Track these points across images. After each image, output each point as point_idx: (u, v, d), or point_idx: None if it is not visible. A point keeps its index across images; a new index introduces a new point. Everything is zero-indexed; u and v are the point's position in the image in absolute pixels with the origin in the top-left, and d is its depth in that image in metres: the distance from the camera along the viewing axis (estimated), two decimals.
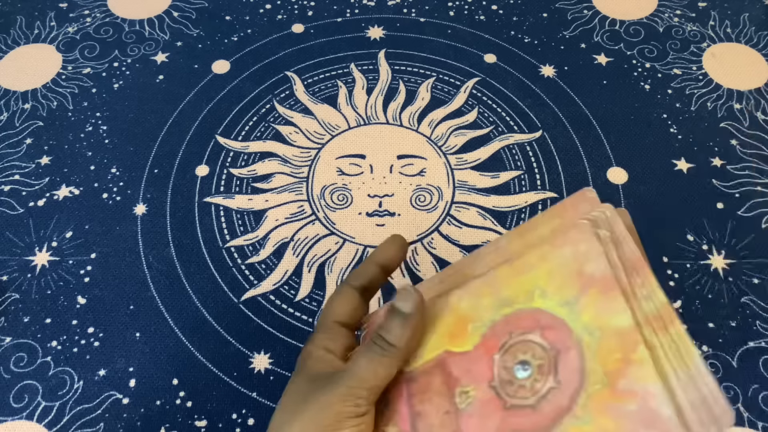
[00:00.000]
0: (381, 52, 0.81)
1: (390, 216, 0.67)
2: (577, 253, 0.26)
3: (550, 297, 0.26)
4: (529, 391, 0.26)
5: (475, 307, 0.29)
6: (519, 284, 0.28)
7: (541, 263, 0.27)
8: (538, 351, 0.26)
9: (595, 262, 0.25)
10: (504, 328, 0.27)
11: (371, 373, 0.29)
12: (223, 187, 0.69)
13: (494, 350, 0.27)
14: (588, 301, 0.25)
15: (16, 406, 0.55)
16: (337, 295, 0.35)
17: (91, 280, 0.62)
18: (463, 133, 0.73)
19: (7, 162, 0.70)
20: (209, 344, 0.59)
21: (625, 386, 0.22)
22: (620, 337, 0.23)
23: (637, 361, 0.22)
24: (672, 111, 0.76)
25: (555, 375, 0.25)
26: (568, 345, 0.25)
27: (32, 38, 0.82)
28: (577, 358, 0.24)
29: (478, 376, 0.28)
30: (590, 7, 0.87)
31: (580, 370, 0.24)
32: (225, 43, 0.82)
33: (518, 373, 0.26)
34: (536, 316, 0.26)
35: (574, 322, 0.25)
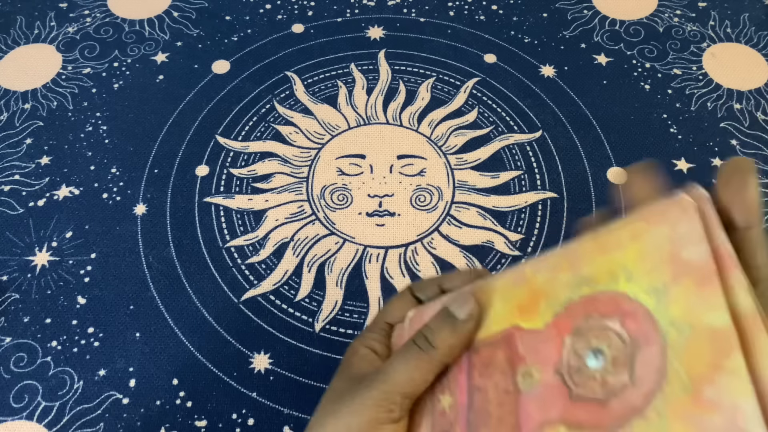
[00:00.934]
0: (381, 52, 0.81)
1: (390, 216, 0.67)
2: (675, 235, 0.22)
3: (637, 281, 0.23)
4: (599, 384, 0.23)
5: (551, 282, 0.26)
6: (603, 263, 0.24)
7: (630, 242, 0.24)
8: (615, 340, 0.23)
9: (694, 247, 0.22)
10: (581, 310, 0.25)
11: (407, 378, 0.27)
12: (223, 187, 0.69)
13: (567, 332, 0.25)
14: (680, 291, 0.22)
15: (16, 406, 0.55)
16: (397, 297, 0.33)
17: (91, 280, 0.62)
18: (463, 133, 0.73)
19: (7, 162, 0.70)
20: (209, 344, 0.59)
21: (710, 396, 0.20)
22: (713, 339, 0.20)
23: (729, 370, 0.19)
24: (672, 111, 0.76)
25: (631, 370, 0.22)
26: (650, 339, 0.22)
27: (32, 38, 0.82)
28: (658, 355, 0.21)
29: (546, 358, 0.25)
30: (590, 7, 0.87)
31: (660, 370, 0.21)
32: (225, 43, 0.82)
33: (590, 361, 0.23)
34: (618, 301, 0.23)
35: (661, 314, 0.22)
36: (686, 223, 0.22)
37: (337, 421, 0.28)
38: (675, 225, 0.23)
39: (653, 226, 0.23)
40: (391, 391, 0.27)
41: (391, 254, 0.64)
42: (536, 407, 0.25)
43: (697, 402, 0.20)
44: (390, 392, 0.27)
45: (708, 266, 0.21)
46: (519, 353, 0.26)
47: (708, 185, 0.25)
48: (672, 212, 0.23)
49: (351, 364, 0.31)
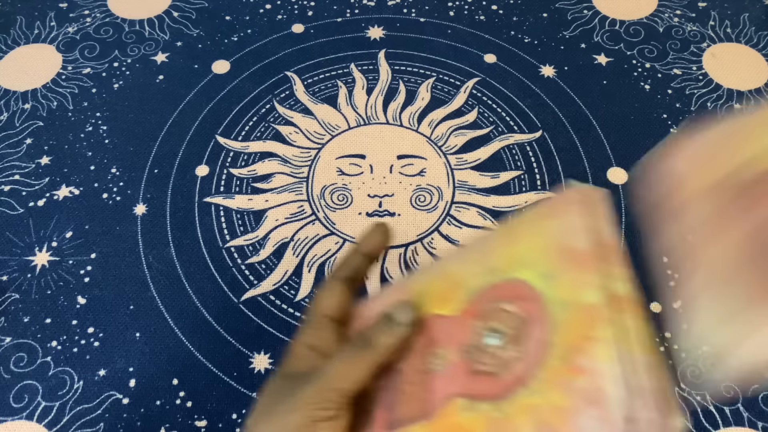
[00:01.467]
0: (381, 52, 0.81)
1: (390, 216, 0.66)
2: (564, 226, 0.26)
3: (532, 268, 0.26)
4: (495, 359, 0.26)
5: (466, 273, 0.29)
6: (508, 254, 0.28)
7: (529, 234, 0.27)
8: (510, 320, 0.26)
9: (578, 237, 0.25)
10: (487, 297, 0.28)
11: (342, 375, 0.28)
12: (223, 187, 0.69)
13: (473, 316, 0.28)
14: (566, 276, 0.25)
15: (16, 406, 0.55)
16: (324, 289, 0.34)
17: (91, 280, 0.62)
18: (463, 133, 0.73)
19: (7, 162, 0.70)
20: (209, 344, 0.59)
21: (580, 363, 0.23)
22: (586, 314, 0.23)
23: (596, 339, 0.22)
24: (672, 111, 0.76)
25: (520, 345, 0.25)
26: (538, 317, 0.25)
27: (32, 38, 0.82)
28: (543, 330, 0.24)
29: (455, 341, 0.28)
30: (590, 7, 0.87)
31: (543, 343, 0.24)
32: (225, 43, 0.82)
33: (487, 339, 0.26)
34: (517, 287, 0.26)
35: (551, 296, 0.25)
36: (573, 216, 0.26)
37: (272, 420, 0.28)
38: (564, 217, 0.26)
39: (546, 219, 0.27)
40: (326, 388, 0.28)
41: (391, 254, 0.64)
42: (442, 383, 0.27)
43: (569, 369, 0.23)
44: (325, 389, 0.28)
45: (588, 253, 0.24)
46: (434, 338, 0.29)
47: None
48: (561, 207, 0.26)
49: (286, 364, 0.31)
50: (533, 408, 0.23)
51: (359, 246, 0.35)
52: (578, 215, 0.26)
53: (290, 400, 0.28)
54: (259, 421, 0.29)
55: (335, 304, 0.33)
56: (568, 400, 0.22)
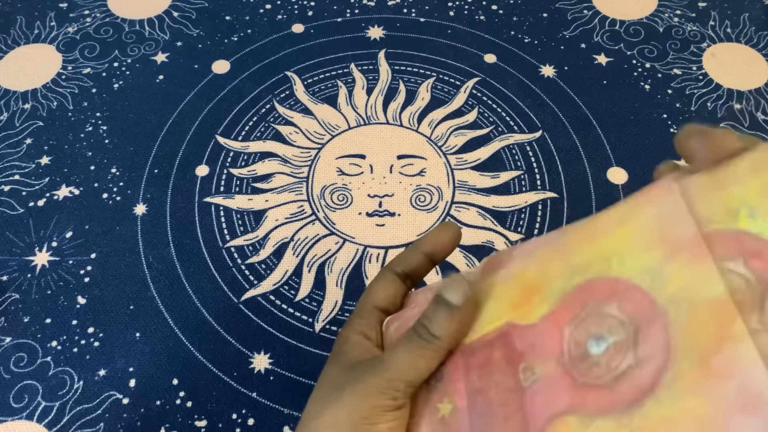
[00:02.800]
0: (381, 52, 0.81)
1: (390, 216, 0.67)
2: (662, 215, 0.22)
3: (629, 264, 0.23)
4: (604, 369, 0.23)
5: (542, 275, 0.26)
6: (593, 250, 0.24)
7: (618, 227, 0.24)
8: (615, 325, 0.23)
9: (682, 225, 0.22)
10: (576, 300, 0.24)
11: (411, 366, 0.27)
12: (223, 187, 0.69)
13: (564, 324, 0.25)
14: (674, 268, 0.22)
15: (16, 406, 0.55)
16: (377, 279, 0.33)
17: (91, 280, 0.62)
18: (463, 133, 0.73)
19: (7, 162, 0.70)
20: (209, 344, 0.59)
21: (719, 365, 0.20)
22: (713, 310, 0.20)
23: (734, 338, 0.19)
24: (672, 111, 0.76)
25: (635, 351, 0.22)
26: (650, 318, 0.22)
27: (32, 38, 0.82)
28: (661, 332, 0.21)
29: (545, 352, 0.25)
30: (590, 7, 0.87)
31: (665, 346, 0.21)
32: (225, 43, 0.82)
33: (592, 348, 0.23)
34: (613, 286, 0.23)
35: (658, 293, 0.22)
36: (672, 204, 0.22)
37: (337, 409, 0.27)
38: (662, 206, 0.23)
39: (639, 208, 0.23)
40: (395, 379, 0.27)
41: (391, 254, 0.64)
42: (543, 401, 0.24)
43: (706, 374, 0.20)
44: (394, 380, 0.27)
45: (698, 242, 0.21)
46: (517, 350, 0.26)
47: None
48: (657, 195, 0.23)
49: (344, 351, 0.30)
50: (669, 420, 0.20)
51: (420, 243, 0.33)
52: (679, 202, 0.22)
53: (358, 388, 0.27)
54: (322, 410, 0.28)
55: (387, 296, 0.32)
56: (713, 408, 0.20)
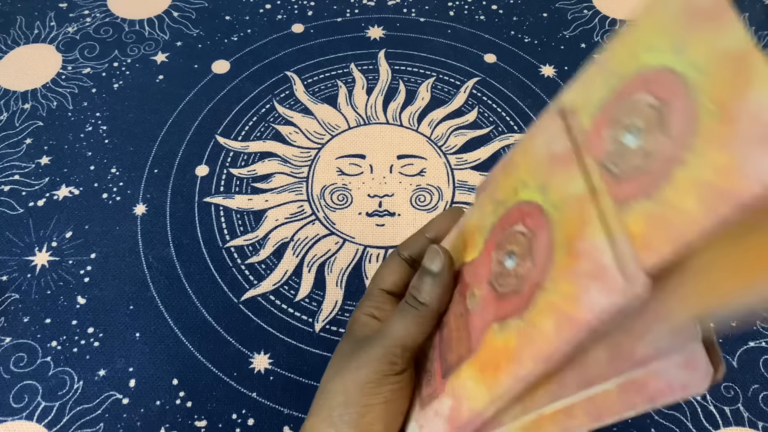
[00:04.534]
0: (381, 52, 0.81)
1: (390, 216, 0.67)
2: (546, 137, 0.27)
3: (530, 187, 0.27)
4: (513, 278, 0.27)
5: (480, 216, 0.31)
6: (508, 183, 0.29)
7: (522, 158, 0.28)
8: (521, 239, 0.27)
9: (558, 141, 0.26)
10: (499, 228, 0.29)
11: (404, 332, 0.31)
12: (223, 187, 0.69)
13: (492, 249, 0.29)
14: (555, 179, 0.25)
15: (16, 406, 0.55)
16: (386, 263, 0.36)
17: (91, 280, 0.62)
18: (463, 133, 0.73)
19: (7, 162, 0.70)
20: (209, 344, 0.59)
21: (580, 248, 0.23)
22: (577, 204, 0.24)
23: (589, 222, 0.23)
24: None
25: (531, 256, 0.26)
26: (540, 224, 0.26)
27: (32, 38, 0.82)
28: (546, 234, 0.25)
29: (481, 277, 0.29)
30: (590, 7, 0.87)
31: (548, 245, 0.25)
32: (225, 43, 0.82)
33: (507, 263, 0.27)
34: (520, 208, 0.27)
35: (547, 203, 0.26)
36: (551, 125, 0.27)
37: (344, 376, 0.30)
38: (545, 130, 0.27)
39: (531, 138, 0.28)
40: (392, 345, 0.30)
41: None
42: (478, 318, 0.29)
43: (572, 257, 0.23)
44: (391, 346, 0.30)
45: (568, 152, 0.25)
46: (465, 282, 0.31)
47: None
48: (543, 121, 0.28)
49: (353, 330, 0.34)
50: (550, 305, 0.24)
51: (426, 228, 0.36)
52: (555, 121, 0.26)
53: (361, 356, 0.31)
54: (332, 378, 0.31)
55: (393, 279, 0.36)
56: (576, 285, 0.23)
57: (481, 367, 0.28)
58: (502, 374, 0.26)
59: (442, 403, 0.30)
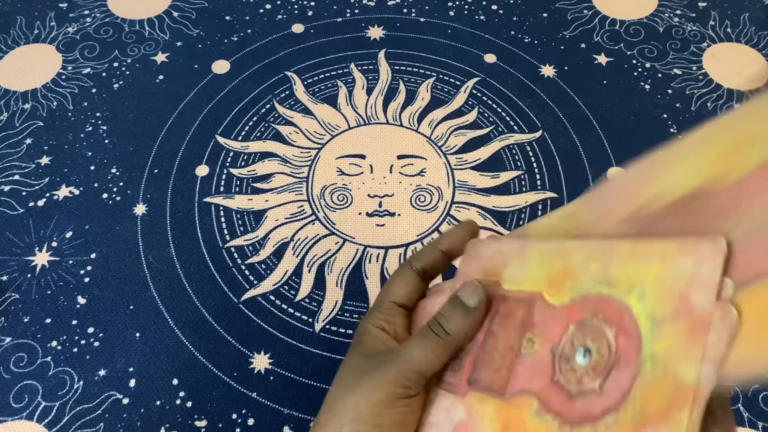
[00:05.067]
0: (381, 52, 0.81)
1: (390, 216, 0.66)
2: (695, 273, 0.23)
3: (644, 302, 0.24)
4: (575, 380, 0.25)
5: (582, 266, 0.28)
6: (629, 270, 0.25)
7: (658, 261, 0.24)
8: (603, 347, 0.24)
9: (704, 294, 0.22)
10: (592, 305, 0.26)
11: (423, 359, 0.30)
12: (223, 187, 0.69)
13: (574, 320, 0.26)
14: (672, 330, 0.22)
15: (16, 406, 0.55)
16: (397, 275, 0.35)
17: (91, 280, 0.62)
18: (463, 133, 0.73)
19: (7, 162, 0.70)
20: (209, 344, 0.59)
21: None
22: (675, 389, 0.21)
23: (674, 421, 0.21)
24: (672, 111, 0.76)
25: (603, 381, 0.24)
26: (629, 361, 0.23)
27: (32, 38, 0.82)
28: (628, 379, 0.23)
29: (550, 335, 0.27)
30: (590, 7, 0.87)
31: (624, 392, 0.23)
32: (225, 43, 0.82)
33: (578, 357, 0.25)
34: (623, 313, 0.24)
35: (648, 343, 0.23)
36: (708, 266, 0.22)
37: (356, 394, 0.30)
38: (700, 262, 0.23)
39: (682, 255, 0.24)
40: (409, 370, 0.30)
41: (391, 254, 0.64)
42: (525, 373, 0.27)
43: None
44: (407, 371, 0.30)
45: (705, 317, 0.21)
46: (533, 320, 0.28)
47: None
48: (703, 249, 0.23)
49: (363, 342, 0.33)
50: None
51: (438, 240, 0.35)
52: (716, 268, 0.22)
53: (374, 376, 0.30)
54: (344, 394, 0.30)
55: (405, 293, 0.35)
56: None
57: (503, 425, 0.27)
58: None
59: (456, 407, 0.30)
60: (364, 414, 0.29)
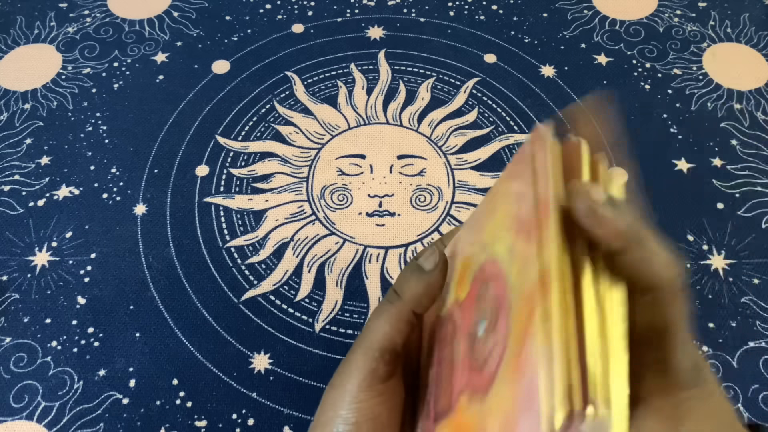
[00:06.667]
0: (381, 52, 0.81)
1: (390, 216, 0.66)
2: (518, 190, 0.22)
3: (501, 242, 0.23)
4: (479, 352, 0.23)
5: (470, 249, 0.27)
6: (490, 227, 0.25)
7: (500, 202, 0.24)
8: (488, 309, 0.23)
9: (526, 201, 0.21)
10: (478, 279, 0.25)
11: (380, 331, 0.28)
12: (223, 187, 0.69)
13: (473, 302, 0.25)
14: (519, 248, 0.21)
15: (16, 406, 0.55)
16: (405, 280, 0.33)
17: (91, 280, 0.62)
18: (463, 133, 0.73)
19: (7, 162, 0.70)
20: (209, 344, 0.59)
21: (524, 356, 0.19)
22: (528, 295, 0.19)
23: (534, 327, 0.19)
24: (672, 111, 0.76)
25: (493, 337, 0.22)
26: (501, 303, 0.22)
27: (32, 38, 0.82)
28: (505, 319, 0.21)
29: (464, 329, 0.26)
30: (590, 7, 0.87)
31: (506, 334, 0.21)
32: (225, 43, 0.82)
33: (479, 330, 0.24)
34: (492, 267, 0.23)
35: (509, 275, 0.21)
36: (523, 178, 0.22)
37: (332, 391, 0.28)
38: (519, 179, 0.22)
39: (506, 182, 0.23)
40: (369, 348, 0.28)
41: (391, 254, 0.64)
42: (458, 375, 0.25)
43: (517, 366, 0.19)
44: (369, 348, 0.28)
45: (531, 220, 0.20)
46: (456, 324, 0.27)
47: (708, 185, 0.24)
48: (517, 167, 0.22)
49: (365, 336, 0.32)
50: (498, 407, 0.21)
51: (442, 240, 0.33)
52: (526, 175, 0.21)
53: (344, 368, 0.28)
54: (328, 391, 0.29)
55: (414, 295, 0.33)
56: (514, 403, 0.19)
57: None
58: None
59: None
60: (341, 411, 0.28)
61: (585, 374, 0.18)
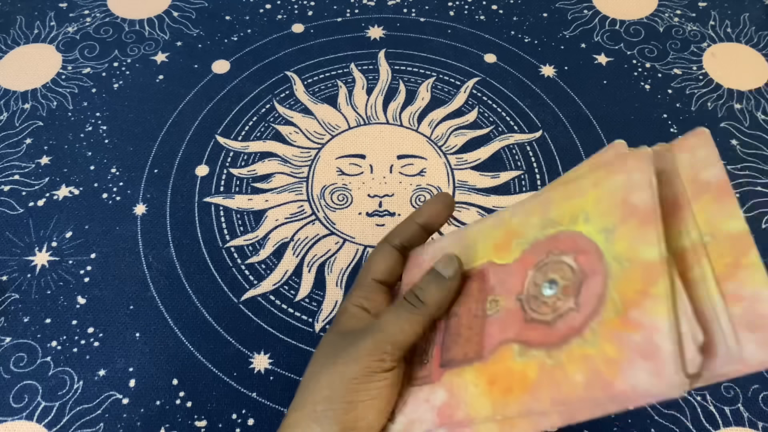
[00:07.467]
0: (381, 52, 0.81)
1: (390, 216, 0.67)
2: (628, 182, 0.25)
3: (592, 222, 0.26)
4: (550, 309, 0.26)
5: (523, 224, 0.30)
6: (567, 207, 0.28)
7: (592, 188, 0.27)
8: (567, 272, 0.26)
9: (642, 192, 0.25)
10: (544, 248, 0.28)
11: (398, 329, 0.30)
12: (223, 187, 0.69)
13: (530, 266, 0.28)
14: (625, 231, 0.25)
15: (16, 406, 0.55)
16: (376, 253, 0.35)
17: (91, 280, 0.62)
18: (463, 133, 0.73)
19: (7, 162, 0.70)
20: (209, 344, 0.59)
21: (635, 317, 0.23)
22: (645, 270, 0.23)
23: (653, 296, 0.22)
24: (672, 111, 0.76)
25: (576, 297, 0.25)
26: (595, 270, 0.25)
27: (32, 38, 0.82)
28: (600, 284, 0.25)
29: (510, 288, 0.29)
30: (590, 7, 0.87)
31: (599, 296, 0.24)
32: (225, 43, 0.82)
33: (544, 290, 0.27)
34: (575, 239, 0.27)
35: (608, 250, 0.25)
36: (639, 173, 0.25)
37: (331, 372, 0.29)
38: (630, 173, 0.25)
39: (611, 174, 0.26)
40: (383, 341, 0.29)
41: None
42: (497, 328, 0.28)
43: (624, 322, 0.23)
44: (382, 342, 0.29)
45: (650, 209, 0.24)
46: (490, 284, 0.30)
47: None
48: (630, 163, 0.26)
49: (341, 321, 0.33)
50: (586, 358, 0.24)
51: (415, 214, 0.35)
52: (645, 171, 0.25)
53: (350, 351, 0.30)
54: (318, 372, 0.30)
55: (385, 268, 0.35)
56: (621, 353, 0.23)
57: (489, 380, 0.28)
58: (512, 399, 0.26)
59: (434, 393, 0.30)
60: (338, 391, 0.29)
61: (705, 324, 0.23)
